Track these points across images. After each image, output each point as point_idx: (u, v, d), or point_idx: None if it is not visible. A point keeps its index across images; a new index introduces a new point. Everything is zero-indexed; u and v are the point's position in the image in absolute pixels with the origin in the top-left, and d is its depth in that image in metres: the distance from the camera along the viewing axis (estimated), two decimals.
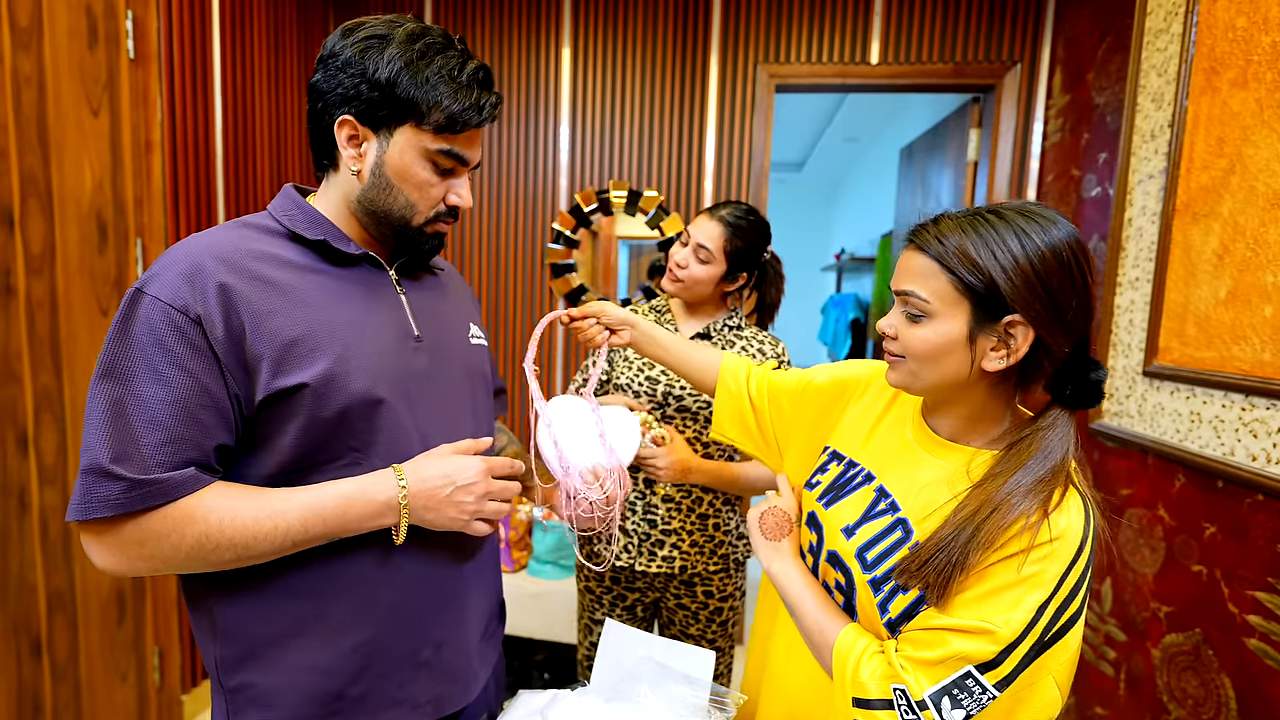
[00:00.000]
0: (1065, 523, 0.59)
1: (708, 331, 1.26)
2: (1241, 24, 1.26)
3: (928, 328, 0.64)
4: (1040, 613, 0.57)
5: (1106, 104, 1.75)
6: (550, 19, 2.26)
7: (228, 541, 0.59)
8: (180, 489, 0.58)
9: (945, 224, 0.64)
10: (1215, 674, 1.24)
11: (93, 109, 1.46)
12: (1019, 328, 0.61)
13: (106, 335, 0.60)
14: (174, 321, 0.58)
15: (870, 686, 0.61)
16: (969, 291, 0.61)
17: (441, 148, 0.67)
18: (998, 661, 0.57)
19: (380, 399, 0.66)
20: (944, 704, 0.58)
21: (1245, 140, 1.23)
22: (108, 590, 1.55)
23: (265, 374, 0.61)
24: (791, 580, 0.73)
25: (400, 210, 0.69)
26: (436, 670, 0.71)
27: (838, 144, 4.54)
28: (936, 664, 0.59)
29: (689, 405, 1.21)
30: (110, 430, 0.56)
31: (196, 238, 0.64)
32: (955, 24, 2.09)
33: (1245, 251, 1.21)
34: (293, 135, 2.15)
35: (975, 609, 0.59)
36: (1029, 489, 0.59)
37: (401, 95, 0.64)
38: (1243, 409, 1.21)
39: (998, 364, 0.63)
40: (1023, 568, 0.58)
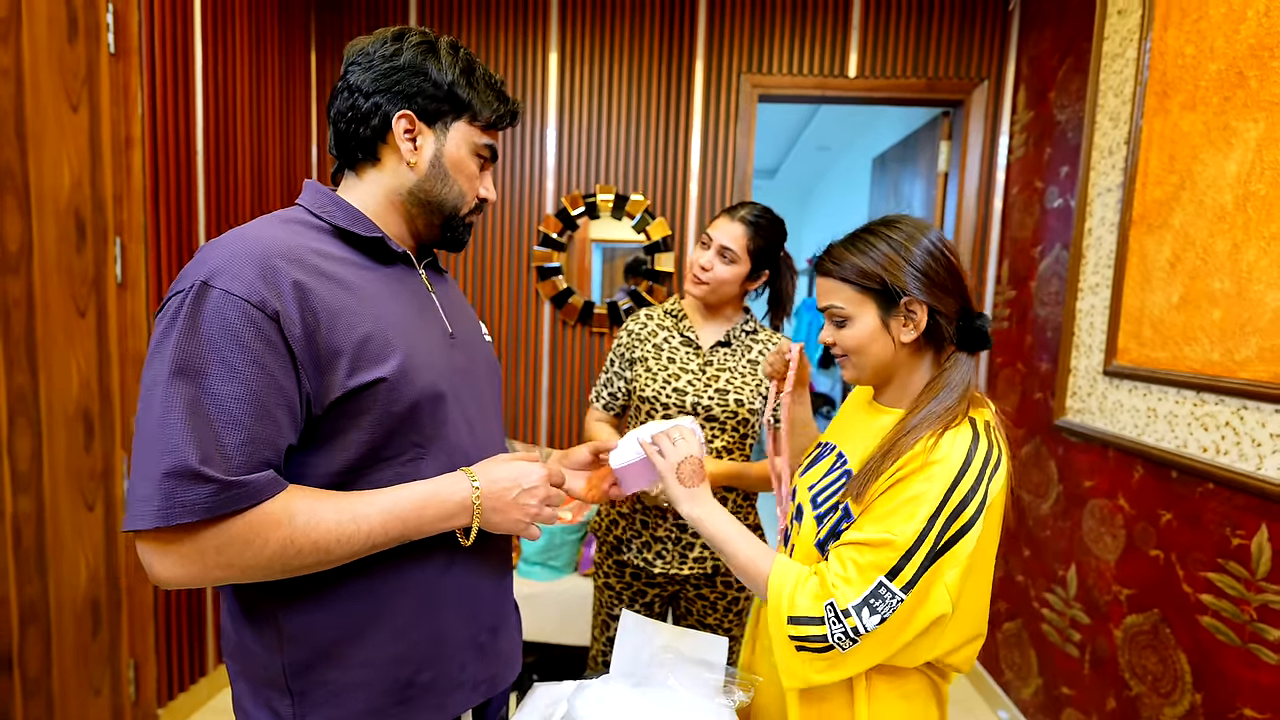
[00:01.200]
0: (946, 449, 0.72)
1: (727, 340, 1.29)
2: (1190, 52, 1.37)
3: (852, 328, 0.81)
4: (931, 523, 0.70)
5: (1067, 121, 1.87)
6: (537, 26, 2.28)
7: (311, 545, 0.59)
8: (265, 491, 0.57)
9: (836, 251, 0.82)
10: (1173, 650, 1.34)
11: (72, 104, 1.42)
12: (914, 305, 0.78)
13: (163, 330, 0.58)
14: (250, 317, 0.57)
15: (803, 604, 0.72)
16: (868, 291, 0.79)
17: (486, 142, 0.76)
18: (900, 567, 0.70)
19: (443, 393, 0.69)
20: (864, 613, 0.69)
21: (1194, 158, 1.34)
22: (82, 601, 1.50)
23: (343, 370, 0.61)
24: (717, 520, 0.82)
25: (454, 200, 0.75)
26: (491, 653, 0.75)
27: (810, 152, 4.67)
28: (856, 579, 0.71)
29: (717, 415, 1.24)
30: (191, 430, 0.54)
31: (251, 232, 0.63)
32: (928, 41, 2.19)
33: (1195, 260, 1.32)
34: (273, 131, 2.11)
35: (878, 524, 0.72)
36: (936, 415, 0.75)
37: (461, 96, 0.72)
38: (1194, 404, 1.31)
39: (910, 335, 0.79)
40: (911, 486, 0.71)
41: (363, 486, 0.65)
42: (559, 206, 2.33)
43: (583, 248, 2.36)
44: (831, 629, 0.70)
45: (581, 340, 2.40)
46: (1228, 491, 1.23)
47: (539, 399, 2.42)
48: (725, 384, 1.25)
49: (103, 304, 1.53)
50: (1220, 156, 1.27)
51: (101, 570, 1.55)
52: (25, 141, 1.31)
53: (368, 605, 0.66)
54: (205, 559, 0.56)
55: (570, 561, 2.07)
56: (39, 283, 1.36)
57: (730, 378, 1.26)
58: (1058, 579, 1.76)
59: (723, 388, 1.25)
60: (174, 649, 1.77)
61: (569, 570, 2.06)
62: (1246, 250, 1.20)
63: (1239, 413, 1.20)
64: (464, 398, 0.73)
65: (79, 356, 1.47)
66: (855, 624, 0.69)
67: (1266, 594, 1.13)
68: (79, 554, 1.49)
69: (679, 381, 1.25)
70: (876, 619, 0.69)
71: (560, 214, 2.32)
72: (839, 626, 0.70)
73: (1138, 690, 1.43)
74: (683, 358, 1.28)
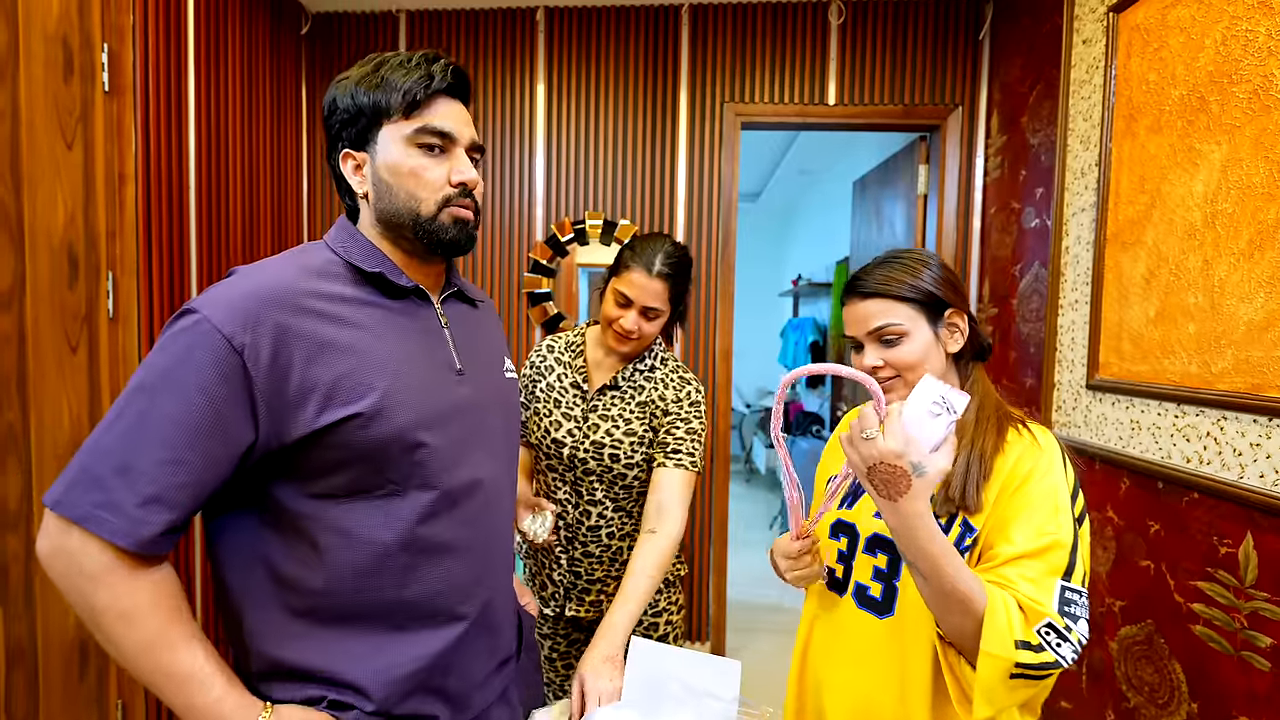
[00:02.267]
0: (1045, 440, 0.77)
1: (615, 382, 1.21)
2: (1153, 78, 1.44)
3: (909, 344, 0.81)
4: (1074, 501, 0.71)
5: (1040, 144, 1.94)
6: (525, 57, 2.34)
7: (112, 641, 0.59)
8: (152, 545, 0.58)
9: (880, 274, 0.84)
10: (1167, 660, 1.35)
11: (66, 141, 1.43)
12: (956, 316, 0.83)
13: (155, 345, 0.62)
14: (214, 345, 0.59)
15: (1021, 630, 0.66)
16: (922, 306, 0.82)
17: (416, 126, 0.69)
18: (1072, 564, 0.68)
19: (423, 433, 0.67)
20: (1067, 622, 0.66)
21: (1163, 179, 1.39)
22: (70, 642, 1.46)
23: (313, 407, 0.62)
24: (938, 542, 0.67)
25: (404, 205, 0.70)
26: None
27: (792, 176, 4.77)
28: (1042, 594, 0.67)
29: (593, 469, 1.18)
30: (118, 437, 0.58)
31: (257, 269, 0.65)
32: (903, 69, 2.27)
33: (1169, 276, 1.37)
34: (265, 168, 2.14)
35: (1027, 529, 0.70)
36: (1001, 415, 0.80)
37: (366, 102, 0.69)
38: (1176, 416, 1.35)
39: (957, 345, 0.83)
40: (1038, 483, 0.71)
41: (340, 515, 0.66)
42: (549, 233, 2.36)
43: (570, 272, 2.39)
44: (1059, 651, 0.65)
45: None
46: (1213, 500, 1.25)
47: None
48: (603, 435, 1.17)
49: (94, 339, 1.52)
50: (1187, 177, 1.33)
51: None
52: (20, 179, 1.32)
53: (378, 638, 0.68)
54: (50, 549, 0.59)
55: None
56: (30, 318, 1.36)
57: (611, 428, 1.18)
58: None
59: (599, 440, 1.17)
60: None
61: None
62: (1217, 266, 1.25)
63: (1219, 423, 1.24)
64: (463, 436, 0.72)
65: (70, 392, 1.46)
66: (1079, 636, 0.66)
67: (1255, 601, 1.16)
68: None
69: (558, 431, 1.19)
70: (1083, 623, 0.67)
71: (550, 240, 2.35)
72: (1066, 646, 0.65)
73: (1135, 701, 1.44)
74: (568, 402, 1.21)
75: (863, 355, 0.84)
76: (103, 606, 0.58)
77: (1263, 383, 1.15)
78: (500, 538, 0.79)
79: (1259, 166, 1.16)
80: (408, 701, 0.69)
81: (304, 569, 0.65)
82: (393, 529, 0.67)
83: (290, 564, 0.65)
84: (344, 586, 0.65)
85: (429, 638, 0.70)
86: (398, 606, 0.68)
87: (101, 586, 0.58)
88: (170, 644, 0.60)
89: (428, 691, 0.70)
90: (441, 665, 0.71)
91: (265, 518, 0.66)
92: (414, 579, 0.68)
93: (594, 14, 2.31)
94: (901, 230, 2.53)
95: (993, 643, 0.64)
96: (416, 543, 0.68)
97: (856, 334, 0.85)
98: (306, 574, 0.65)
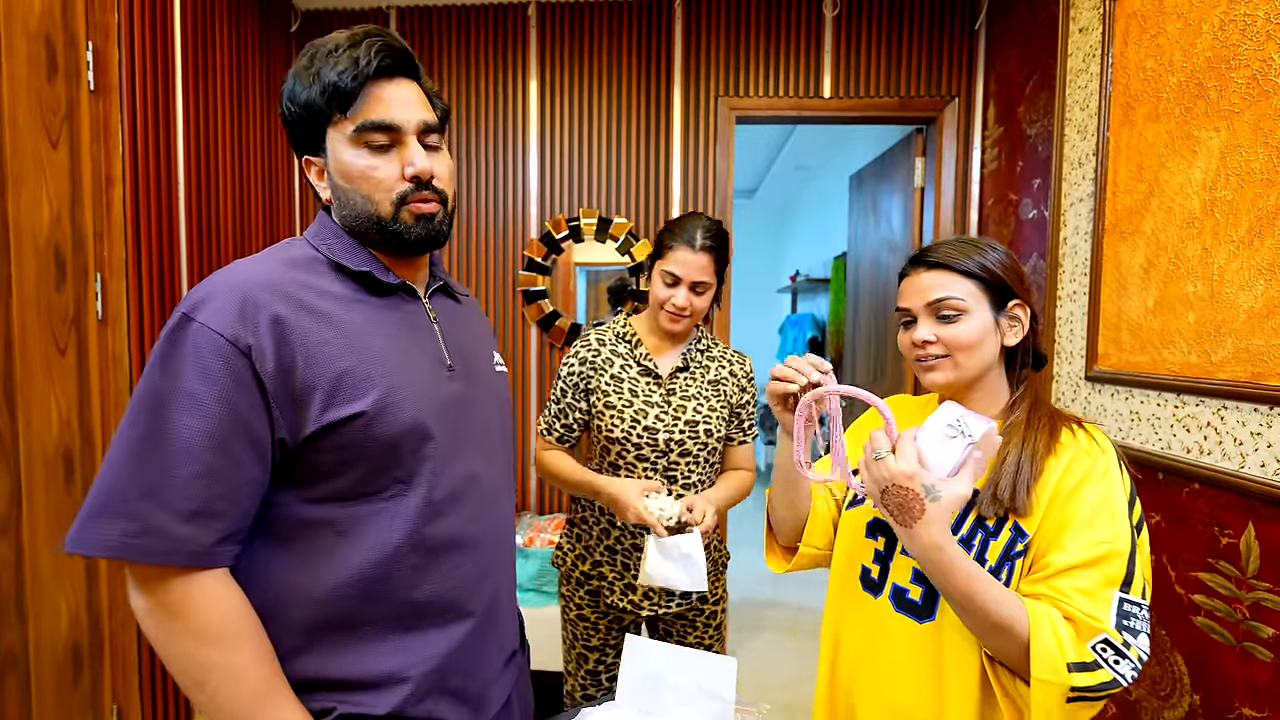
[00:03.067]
0: (1104, 442, 0.73)
1: (685, 363, 1.25)
2: (1150, 65, 1.42)
3: (966, 322, 0.77)
4: (1131, 508, 0.68)
5: (1037, 135, 1.92)
6: (517, 54, 2.32)
7: (196, 685, 0.58)
8: (186, 551, 0.57)
9: (949, 249, 0.80)
10: (1169, 653, 1.34)
11: (51, 141, 1.41)
12: (1019, 309, 0.79)
13: (150, 358, 0.59)
14: (221, 351, 0.57)
15: (1073, 650, 0.62)
16: (988, 287, 0.78)
17: (356, 125, 0.65)
18: (1131, 573, 0.64)
19: (428, 429, 0.67)
20: (1127, 636, 0.63)
21: (1161, 167, 1.38)
22: (63, 647, 1.45)
23: (317, 406, 0.61)
24: (960, 563, 0.64)
25: (362, 208, 0.67)
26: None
27: (788, 172, 4.76)
28: (1098, 608, 0.63)
29: (691, 449, 1.21)
30: (137, 462, 0.55)
31: (243, 266, 0.64)
32: (899, 61, 2.26)
33: (1168, 265, 1.36)
34: (255, 168, 2.12)
35: (1081, 538, 0.66)
36: (1057, 416, 0.75)
37: (305, 103, 0.65)
38: (1175, 406, 1.34)
39: (1016, 337, 0.79)
40: (1092, 489, 0.67)
41: (342, 519, 0.64)
42: (543, 231, 2.35)
43: (567, 270, 2.38)
44: (1117, 669, 0.61)
45: None
46: (1213, 490, 1.24)
47: (528, 422, 2.41)
48: (693, 414, 1.20)
49: (83, 341, 1.51)
50: (1185, 164, 1.31)
51: (83, 615, 1.51)
52: (4, 179, 1.31)
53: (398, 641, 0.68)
54: (142, 607, 0.59)
55: None
56: (17, 320, 1.34)
57: (697, 406, 1.21)
58: None
59: (691, 418, 1.20)
60: (158, 694, 1.72)
61: None
62: (1216, 254, 1.23)
63: (1219, 413, 1.23)
64: (457, 431, 0.71)
65: (59, 395, 1.44)
66: (1139, 653, 0.62)
67: (1258, 592, 1.15)
68: (59, 598, 1.44)
69: (647, 419, 1.20)
70: (1144, 637, 0.63)
71: (544, 238, 2.34)
72: (1125, 664, 0.61)
73: (1136, 694, 1.43)
74: (644, 390, 1.22)
75: (913, 330, 0.79)
76: (179, 654, 0.58)
77: (1264, 371, 1.13)
78: (502, 531, 0.79)
79: (1258, 152, 1.15)
80: (423, 704, 0.67)
81: (308, 579, 0.64)
82: (401, 529, 0.66)
83: (293, 576, 0.64)
84: (353, 592, 0.64)
85: (438, 636, 0.68)
86: (408, 607, 0.67)
87: (175, 639, 0.58)
88: (275, 697, 0.60)
89: (443, 693, 0.69)
90: (455, 664, 0.70)
91: (264, 531, 0.64)
92: (424, 578, 0.67)
93: (587, 8, 2.29)
94: (899, 224, 2.51)
95: (1043, 669, 0.61)
96: (425, 541, 0.67)
97: (913, 305, 0.79)
98: (312, 584, 0.64)
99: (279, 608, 0.64)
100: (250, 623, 0.60)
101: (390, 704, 0.65)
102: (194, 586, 0.57)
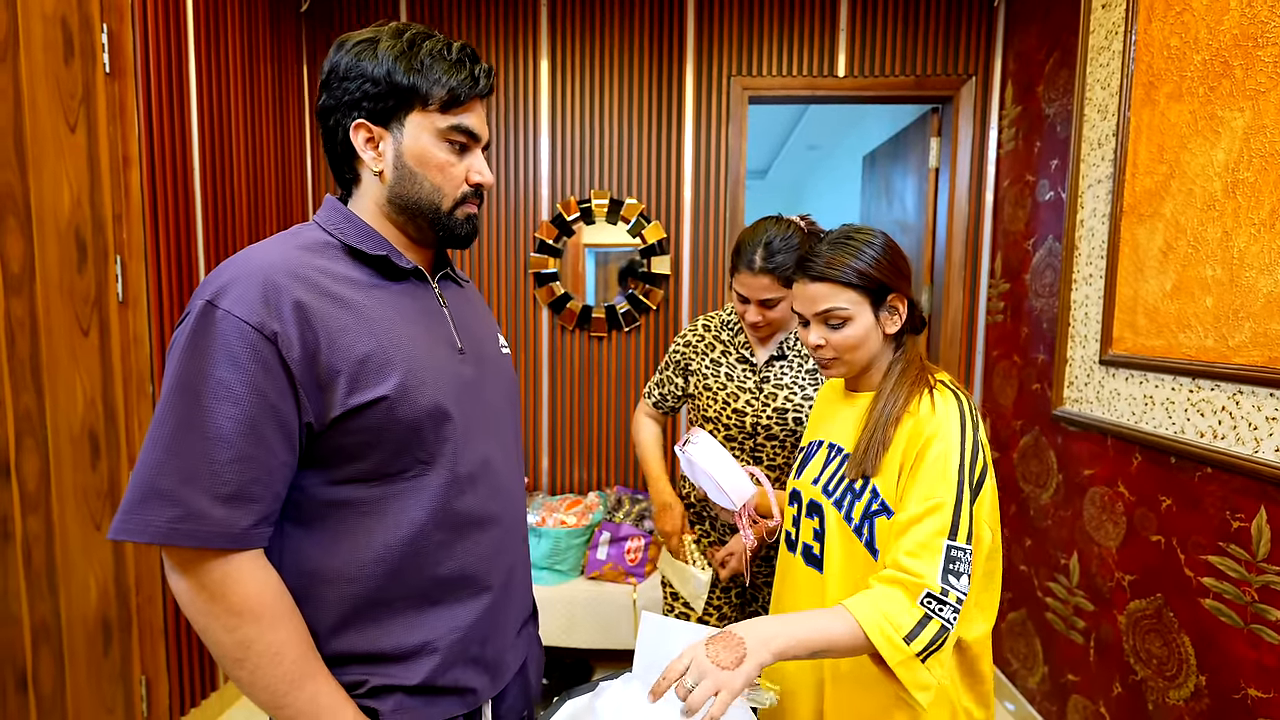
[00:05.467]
0: (944, 408, 0.82)
1: (782, 352, 1.29)
2: (1175, 43, 1.39)
3: (852, 327, 0.87)
4: (961, 472, 0.77)
5: (1055, 114, 1.89)
6: (528, 34, 2.30)
7: (248, 675, 0.60)
8: (232, 530, 0.59)
9: (828, 257, 0.87)
10: (1176, 634, 1.35)
11: (69, 124, 1.43)
12: (897, 300, 0.88)
13: (174, 347, 0.60)
14: (248, 339, 0.58)
15: (905, 620, 0.71)
16: (867, 291, 0.87)
17: (451, 124, 0.70)
18: (956, 523, 0.75)
19: (447, 411, 0.68)
20: (951, 580, 0.72)
21: (1182, 148, 1.36)
22: (94, 620, 1.50)
23: (342, 390, 0.62)
24: (798, 641, 0.71)
25: (428, 197, 0.71)
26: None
27: (800, 152, 4.70)
28: (927, 555, 0.73)
29: (777, 434, 1.27)
30: (175, 449, 0.57)
31: (260, 252, 0.64)
32: (915, 39, 2.22)
33: (1187, 249, 1.34)
34: (269, 149, 2.12)
35: (918, 494, 0.77)
36: (911, 383, 0.85)
37: (402, 83, 0.67)
38: (1190, 391, 1.33)
39: (895, 327, 0.89)
40: (931, 450, 0.78)
41: (367, 500, 0.66)
42: (554, 213, 2.34)
43: (577, 253, 2.38)
44: (942, 615, 0.71)
45: (581, 344, 2.41)
46: (1226, 475, 1.24)
47: (539, 404, 2.43)
48: (784, 402, 1.26)
49: (105, 322, 1.53)
50: (1208, 145, 1.29)
51: (111, 588, 1.55)
52: (25, 162, 1.32)
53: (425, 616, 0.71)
54: (184, 589, 0.60)
55: (576, 565, 2.08)
56: (41, 303, 1.36)
57: (788, 395, 1.26)
58: (1060, 567, 1.78)
59: (781, 406, 1.26)
60: (185, 665, 1.78)
61: (575, 574, 2.07)
62: (1237, 237, 1.22)
63: (1235, 397, 1.22)
64: (471, 413, 0.72)
65: (83, 375, 1.47)
66: (957, 595, 0.72)
67: (1267, 575, 1.15)
68: (88, 573, 1.49)
69: (737, 402, 1.28)
70: (965, 579, 0.73)
71: (556, 220, 2.33)
72: (947, 609, 0.71)
73: (1143, 674, 1.45)
74: (740, 376, 1.30)
75: (809, 331, 0.91)
76: (249, 640, 0.60)
77: None
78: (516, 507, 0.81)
79: None
80: (449, 673, 0.70)
81: (337, 559, 0.66)
82: (426, 507, 0.68)
83: (322, 556, 0.66)
84: (381, 569, 0.66)
85: (461, 610, 0.71)
86: (433, 582, 0.69)
87: (246, 621, 0.60)
88: (312, 673, 0.62)
89: (467, 662, 0.72)
90: (477, 635, 0.73)
91: (292, 514, 0.66)
92: (448, 555, 0.70)
93: None
94: (912, 205, 2.49)
95: (892, 655, 0.70)
96: (450, 519, 0.69)
97: (804, 312, 0.90)
98: (341, 563, 0.66)
99: (310, 587, 0.66)
100: (286, 602, 0.62)
101: (421, 675, 0.68)
102: (232, 568, 0.59)
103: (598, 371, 2.42)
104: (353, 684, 0.66)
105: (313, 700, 0.62)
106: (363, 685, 0.67)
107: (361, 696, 0.67)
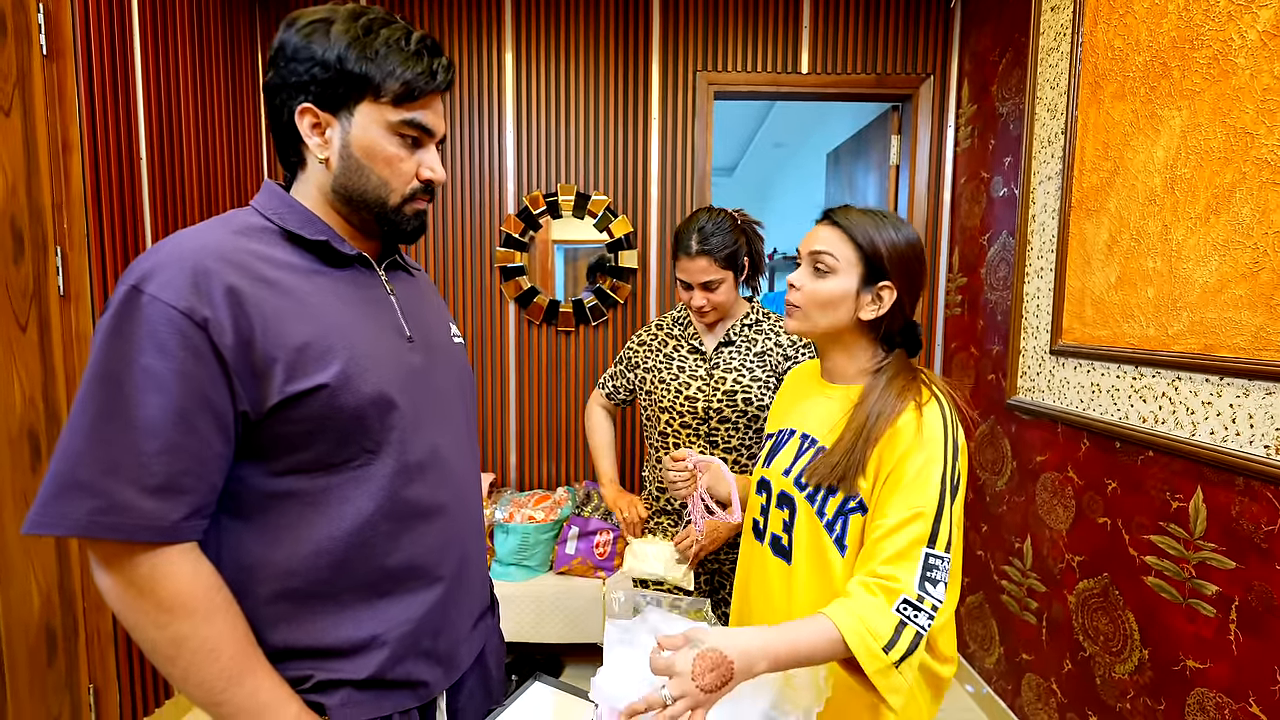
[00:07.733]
0: (932, 421, 0.79)
1: (729, 339, 1.33)
2: (1118, 44, 1.45)
3: (830, 281, 0.85)
4: (943, 483, 0.77)
5: (1009, 113, 1.95)
6: (492, 25, 2.27)
7: (180, 670, 0.58)
8: (160, 525, 0.56)
9: (853, 213, 0.87)
10: (1121, 611, 1.42)
11: (3, 108, 1.35)
12: (887, 291, 0.85)
13: (97, 334, 0.57)
14: (177, 324, 0.56)
15: (883, 628, 0.71)
16: (865, 258, 0.84)
17: (404, 118, 0.67)
18: (935, 531, 0.74)
19: (392, 399, 0.66)
20: (927, 587, 0.72)
21: (1125, 145, 1.42)
22: (36, 628, 1.43)
23: (279, 377, 0.60)
24: (780, 662, 0.71)
25: (375, 191, 0.68)
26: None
27: (767, 149, 4.75)
28: (904, 562, 0.73)
29: (729, 417, 1.30)
30: (96, 439, 0.54)
31: (190, 236, 0.61)
32: (876, 38, 2.26)
33: (1130, 242, 1.40)
34: (220, 132, 2.05)
35: (900, 502, 0.76)
36: (901, 397, 0.81)
37: (354, 70, 0.64)
38: (1134, 378, 1.39)
39: (870, 314, 0.86)
40: (914, 459, 0.77)
41: (310, 490, 0.64)
42: (520, 206, 2.32)
43: (545, 247, 2.36)
44: (917, 621, 0.71)
45: (548, 339, 2.40)
46: (1166, 458, 1.30)
47: (506, 399, 2.41)
48: (732, 384, 1.30)
49: (45, 317, 1.46)
50: (1149, 143, 1.35)
51: (55, 595, 1.49)
52: None
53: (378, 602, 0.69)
54: (109, 585, 0.57)
55: (545, 561, 2.07)
56: None
57: (737, 377, 1.30)
58: (1015, 551, 1.84)
59: (730, 389, 1.30)
60: (136, 673, 1.71)
61: (544, 569, 2.06)
62: (1175, 230, 1.28)
63: (1174, 384, 1.28)
64: (420, 401, 0.71)
65: (21, 372, 1.40)
66: (933, 603, 0.71)
67: (1204, 551, 1.21)
68: (29, 579, 1.42)
69: (689, 390, 1.33)
70: (942, 586, 0.73)
71: (522, 214, 2.31)
72: (922, 615, 0.71)
73: (1091, 650, 1.51)
74: (691, 366, 1.35)
75: (798, 271, 0.90)
76: (182, 636, 0.57)
77: (1214, 343, 1.19)
78: (469, 497, 0.79)
79: (1216, 131, 1.19)
80: (400, 666, 0.69)
81: (279, 552, 0.64)
82: (374, 497, 0.66)
83: (263, 549, 0.64)
84: (325, 561, 0.64)
85: (411, 601, 0.70)
86: (381, 574, 0.68)
87: (178, 617, 0.57)
88: (251, 668, 0.60)
89: (419, 655, 0.70)
90: (429, 627, 0.71)
91: (230, 506, 0.64)
92: (396, 546, 0.68)
93: None
94: (874, 202, 2.54)
95: (870, 663, 0.70)
96: (397, 509, 0.68)
97: (803, 249, 0.89)
98: (282, 556, 0.64)
99: (250, 581, 0.64)
100: (221, 596, 0.60)
101: (370, 669, 0.66)
102: (161, 561, 0.57)
103: (565, 366, 2.41)
104: (297, 679, 0.64)
105: (252, 696, 0.60)
106: (308, 680, 0.65)
107: (307, 691, 0.65)
